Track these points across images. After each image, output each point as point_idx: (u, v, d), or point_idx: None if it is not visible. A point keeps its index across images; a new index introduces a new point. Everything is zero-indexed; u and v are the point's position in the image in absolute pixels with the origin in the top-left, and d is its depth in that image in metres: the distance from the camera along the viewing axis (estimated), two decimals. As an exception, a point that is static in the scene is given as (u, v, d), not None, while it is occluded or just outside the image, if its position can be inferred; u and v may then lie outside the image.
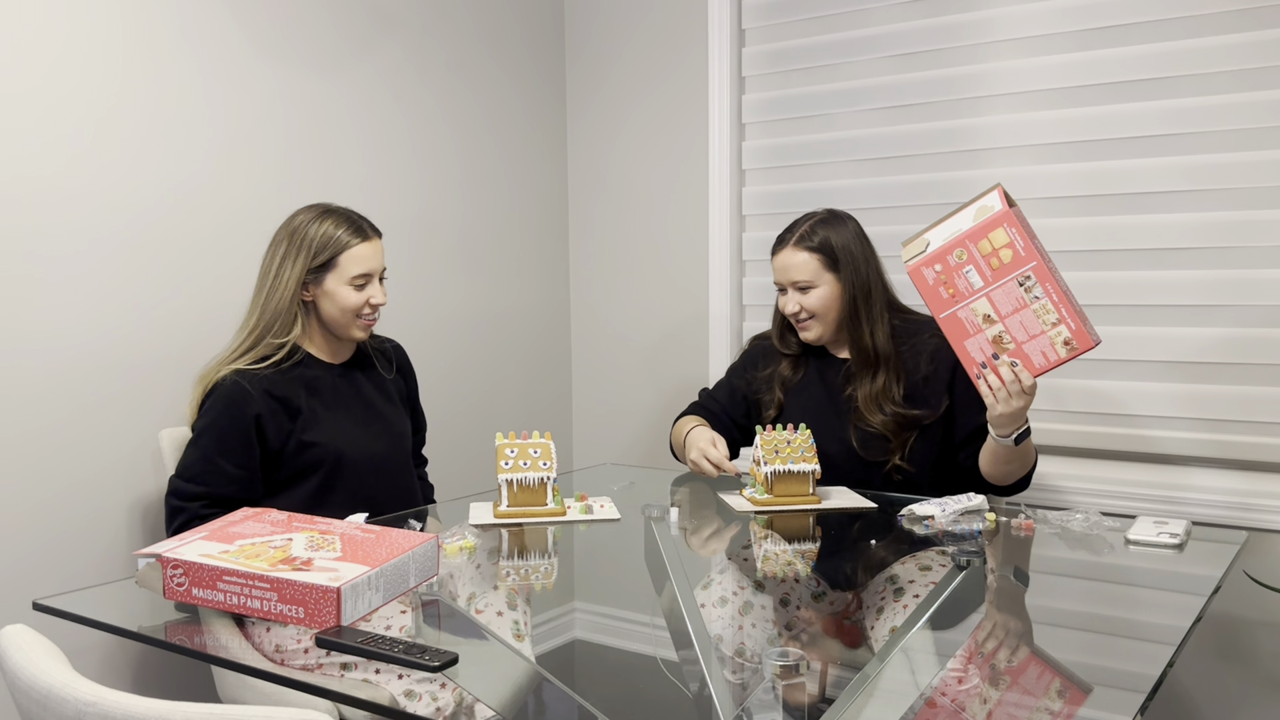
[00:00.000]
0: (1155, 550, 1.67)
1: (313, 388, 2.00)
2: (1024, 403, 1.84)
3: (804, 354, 2.24)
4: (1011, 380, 1.82)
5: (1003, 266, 1.81)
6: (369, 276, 1.99)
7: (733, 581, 1.55)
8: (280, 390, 1.94)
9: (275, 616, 1.27)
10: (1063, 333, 1.80)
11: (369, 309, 2.00)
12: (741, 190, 2.92)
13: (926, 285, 1.87)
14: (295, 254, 1.97)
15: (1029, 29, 2.44)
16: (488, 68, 2.91)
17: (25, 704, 0.99)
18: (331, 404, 2.01)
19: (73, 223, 2.01)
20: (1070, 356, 1.81)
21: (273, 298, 1.96)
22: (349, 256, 1.97)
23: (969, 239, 1.82)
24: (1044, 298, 1.79)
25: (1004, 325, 1.83)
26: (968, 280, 1.83)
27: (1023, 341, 1.82)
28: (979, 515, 1.84)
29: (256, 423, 1.90)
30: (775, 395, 2.22)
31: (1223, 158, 2.26)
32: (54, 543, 2.00)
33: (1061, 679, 1.18)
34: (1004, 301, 1.82)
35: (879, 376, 2.09)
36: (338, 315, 1.99)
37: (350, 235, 1.98)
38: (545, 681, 1.22)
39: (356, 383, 2.08)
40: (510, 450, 1.93)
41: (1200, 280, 2.29)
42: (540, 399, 3.14)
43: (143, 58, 2.10)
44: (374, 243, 2.01)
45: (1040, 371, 1.83)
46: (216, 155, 2.24)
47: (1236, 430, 2.29)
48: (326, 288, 1.98)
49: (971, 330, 1.85)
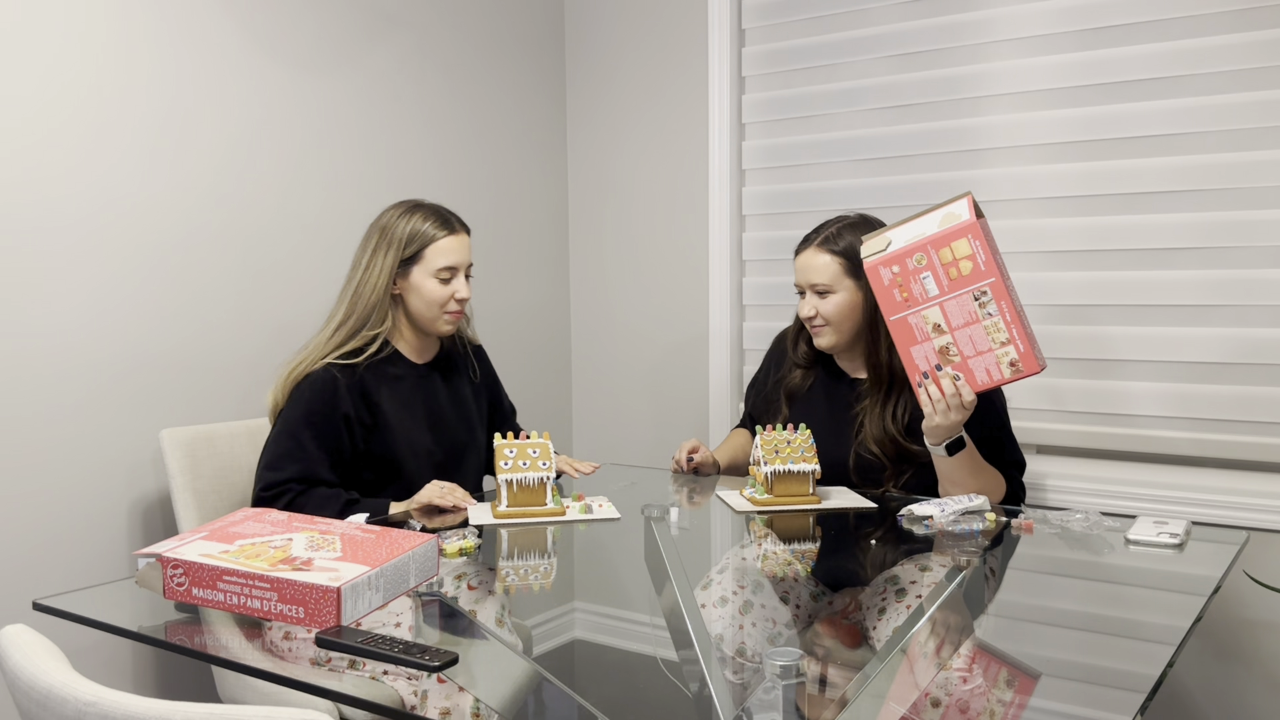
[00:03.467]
0: (1155, 550, 1.67)
1: (394, 385, 2.03)
2: (961, 417, 1.83)
3: (814, 366, 2.20)
4: (952, 394, 1.81)
5: (960, 278, 1.79)
6: (454, 270, 2.02)
7: (733, 581, 1.55)
8: (366, 385, 1.98)
9: (275, 616, 1.27)
10: (1010, 353, 1.79)
11: (455, 303, 2.03)
12: (741, 190, 2.92)
13: (881, 285, 1.85)
14: (386, 248, 2.00)
15: (1029, 29, 2.44)
16: (488, 68, 2.91)
17: (25, 704, 0.99)
18: (408, 402, 2.04)
19: (73, 223, 2.01)
20: (1014, 378, 1.80)
21: (363, 291, 2.00)
22: (435, 249, 2.00)
23: (931, 245, 1.80)
24: (997, 315, 1.78)
25: (953, 337, 1.82)
26: (923, 286, 1.81)
27: (969, 356, 1.81)
28: (979, 515, 1.84)
29: (345, 420, 1.95)
30: (781, 405, 2.20)
31: (1223, 158, 2.26)
32: (54, 543, 2.00)
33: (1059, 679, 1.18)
34: (956, 313, 1.81)
35: (890, 399, 2.04)
36: (424, 309, 2.02)
37: (437, 228, 2.02)
38: (545, 681, 1.22)
39: (434, 387, 2.11)
40: (509, 450, 1.93)
41: (1200, 280, 2.29)
42: (540, 399, 3.14)
43: (143, 58, 2.10)
44: (460, 237, 2.04)
45: (981, 388, 1.82)
46: (217, 155, 2.24)
47: (1236, 430, 2.29)
48: (413, 280, 2.01)
49: (920, 337, 1.84)
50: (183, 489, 2.02)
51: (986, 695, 1.11)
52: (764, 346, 2.40)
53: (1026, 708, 1.10)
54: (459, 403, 2.15)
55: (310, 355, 1.98)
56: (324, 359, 1.96)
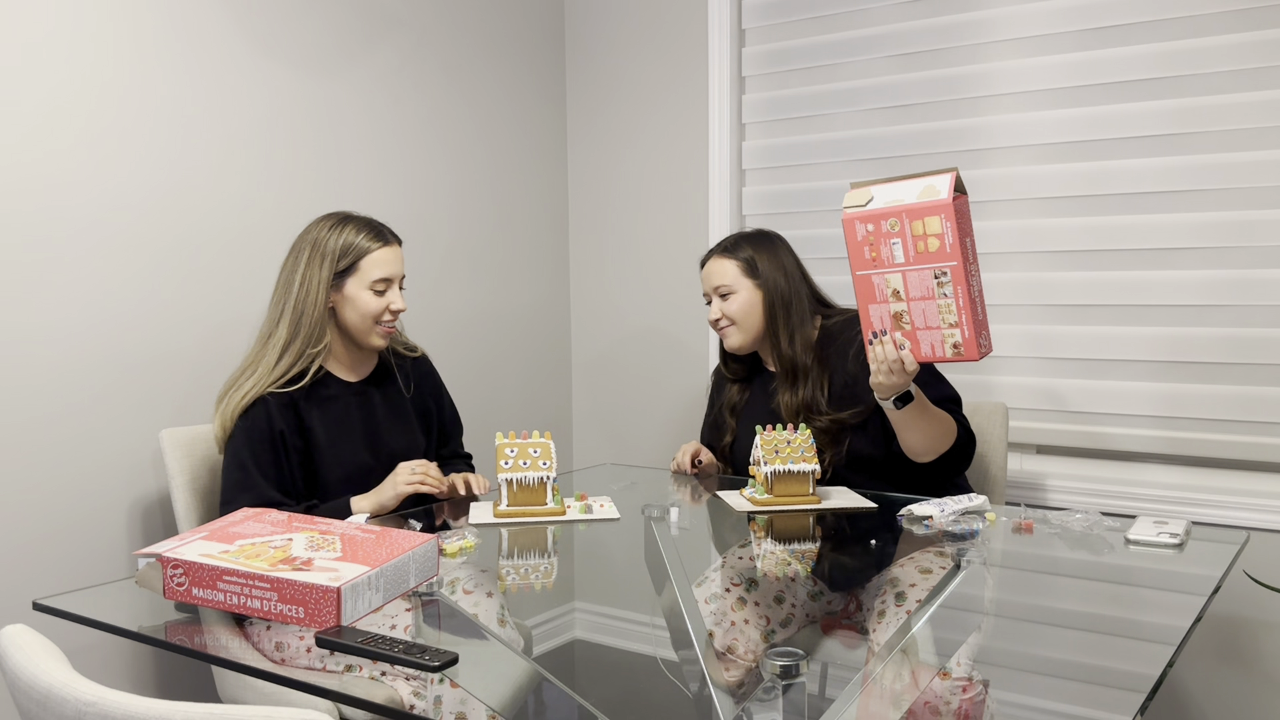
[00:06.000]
0: (1155, 550, 1.67)
1: (326, 407, 2.01)
2: (903, 380, 1.89)
3: (748, 378, 2.31)
4: (895, 359, 1.86)
5: (926, 254, 1.81)
6: (389, 281, 2.01)
7: (732, 581, 1.55)
8: (299, 408, 1.96)
9: (275, 616, 1.27)
10: (954, 336, 1.82)
11: (389, 315, 2.01)
12: (741, 190, 2.92)
13: (854, 240, 1.88)
14: (320, 261, 1.97)
15: (1029, 29, 2.44)
16: (487, 68, 2.91)
17: (25, 704, 0.98)
18: (342, 422, 2.02)
19: (73, 223, 2.01)
20: (954, 359, 1.84)
21: (304, 307, 1.96)
22: (370, 261, 1.98)
23: (906, 214, 1.81)
24: (951, 298, 1.80)
25: (908, 306, 1.85)
26: (891, 251, 1.84)
27: (919, 328, 1.85)
28: (979, 515, 1.84)
29: (281, 437, 1.93)
30: (729, 422, 2.30)
31: (1223, 158, 2.26)
32: (54, 543, 2.00)
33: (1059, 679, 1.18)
34: (916, 285, 1.83)
35: (800, 388, 2.14)
36: (358, 321, 2.00)
37: (371, 240, 1.99)
38: (545, 681, 1.22)
39: (371, 403, 2.08)
40: (510, 450, 1.93)
41: (1200, 280, 2.29)
42: (540, 399, 3.14)
43: (143, 58, 2.10)
44: (394, 248, 2.03)
45: (924, 360, 1.87)
46: (217, 155, 2.24)
47: (1236, 430, 2.29)
48: (347, 293, 1.99)
49: (879, 298, 1.88)
50: (183, 489, 2.02)
51: (986, 695, 1.11)
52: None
53: (1027, 708, 1.10)
54: (398, 415, 2.12)
55: (258, 383, 1.93)
56: (266, 388, 1.92)
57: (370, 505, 1.94)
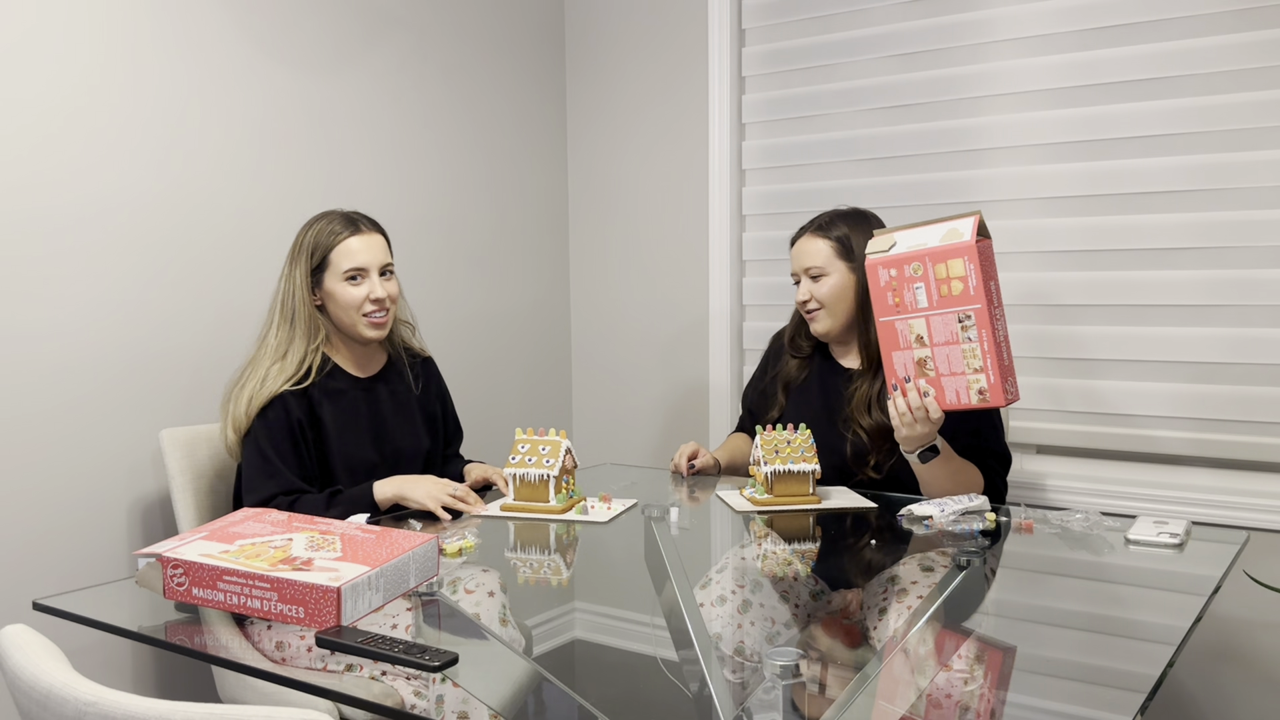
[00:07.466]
0: (1155, 550, 1.67)
1: (336, 400, 2.01)
2: (929, 429, 1.85)
3: (811, 358, 2.24)
4: (919, 408, 1.83)
5: (950, 297, 1.80)
6: (363, 270, 1.98)
7: (732, 581, 1.55)
8: (312, 399, 1.96)
9: (275, 616, 1.27)
10: (980, 381, 1.80)
11: (371, 305, 1.99)
12: (741, 190, 2.92)
13: (878, 285, 1.87)
14: (297, 260, 1.99)
15: (1029, 29, 2.44)
16: (487, 68, 2.91)
17: (25, 704, 0.98)
18: (350, 416, 2.02)
19: (74, 223, 2.01)
20: (980, 406, 1.82)
21: (290, 307, 1.97)
22: (339, 252, 1.97)
23: (929, 257, 1.81)
24: (975, 342, 1.79)
25: (932, 352, 1.83)
26: (915, 296, 1.83)
27: (943, 374, 1.83)
28: (979, 515, 1.84)
29: (299, 426, 1.94)
30: (778, 397, 2.24)
31: (1223, 158, 2.26)
32: (54, 543, 2.00)
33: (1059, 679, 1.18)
34: (940, 330, 1.82)
35: (879, 380, 2.07)
36: (342, 314, 1.99)
37: (339, 232, 1.98)
38: (545, 681, 1.22)
39: (377, 399, 2.08)
40: (523, 445, 1.97)
41: (1200, 280, 2.29)
42: (541, 399, 3.14)
43: (143, 58, 2.10)
44: (366, 236, 1.99)
45: (949, 408, 1.84)
46: (217, 155, 2.24)
47: (1236, 430, 2.29)
48: (327, 288, 1.99)
49: (902, 344, 1.86)
50: (183, 489, 2.02)
51: (986, 695, 1.11)
52: (764, 346, 2.41)
53: (1027, 708, 1.10)
54: (405, 413, 2.12)
55: (272, 384, 1.93)
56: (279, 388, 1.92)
57: (393, 491, 1.92)
